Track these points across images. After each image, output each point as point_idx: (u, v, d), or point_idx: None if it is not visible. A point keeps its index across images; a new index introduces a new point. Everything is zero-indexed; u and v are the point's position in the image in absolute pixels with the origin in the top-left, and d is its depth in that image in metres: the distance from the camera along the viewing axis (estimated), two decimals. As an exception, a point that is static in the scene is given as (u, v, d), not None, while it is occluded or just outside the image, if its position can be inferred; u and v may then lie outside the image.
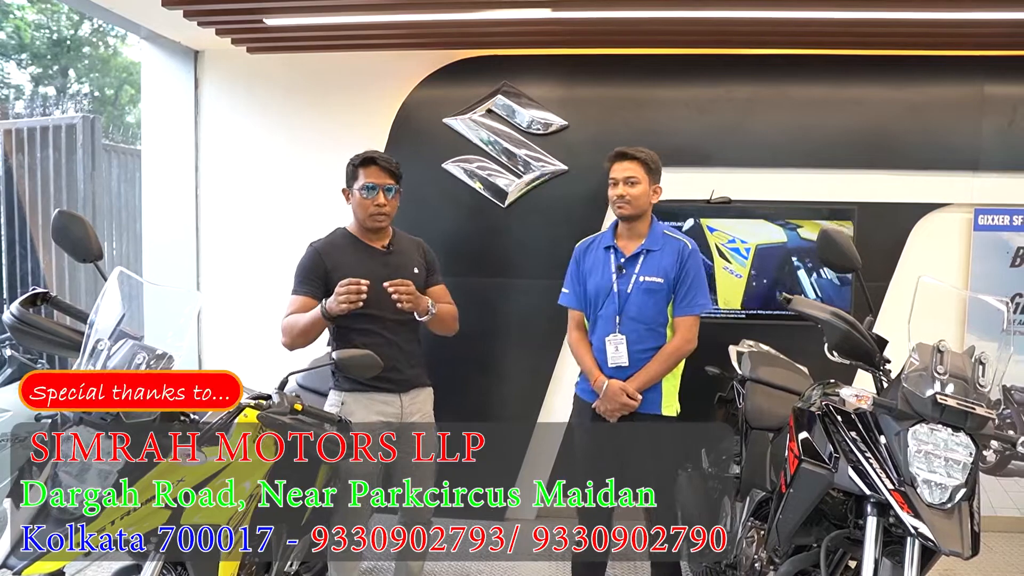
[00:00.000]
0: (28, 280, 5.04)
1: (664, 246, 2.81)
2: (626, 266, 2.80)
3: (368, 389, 2.66)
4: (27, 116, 5.36)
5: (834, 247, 2.32)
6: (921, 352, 2.07)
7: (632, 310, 2.77)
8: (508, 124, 3.88)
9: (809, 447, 2.17)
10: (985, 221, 3.80)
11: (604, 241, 2.90)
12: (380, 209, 2.69)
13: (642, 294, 2.76)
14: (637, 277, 2.77)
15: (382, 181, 2.70)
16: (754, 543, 2.63)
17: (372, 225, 2.73)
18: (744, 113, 3.84)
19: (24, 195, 5.02)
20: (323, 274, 2.68)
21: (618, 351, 2.76)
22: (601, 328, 2.82)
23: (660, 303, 2.78)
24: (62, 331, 2.17)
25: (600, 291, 2.83)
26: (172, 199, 4.19)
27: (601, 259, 2.86)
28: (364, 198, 2.69)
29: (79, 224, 2.22)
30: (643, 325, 2.77)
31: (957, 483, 1.91)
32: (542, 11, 3.23)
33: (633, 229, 2.84)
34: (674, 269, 2.76)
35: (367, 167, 2.71)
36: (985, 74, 3.75)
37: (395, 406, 2.71)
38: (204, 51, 4.11)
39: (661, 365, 2.76)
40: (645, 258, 2.79)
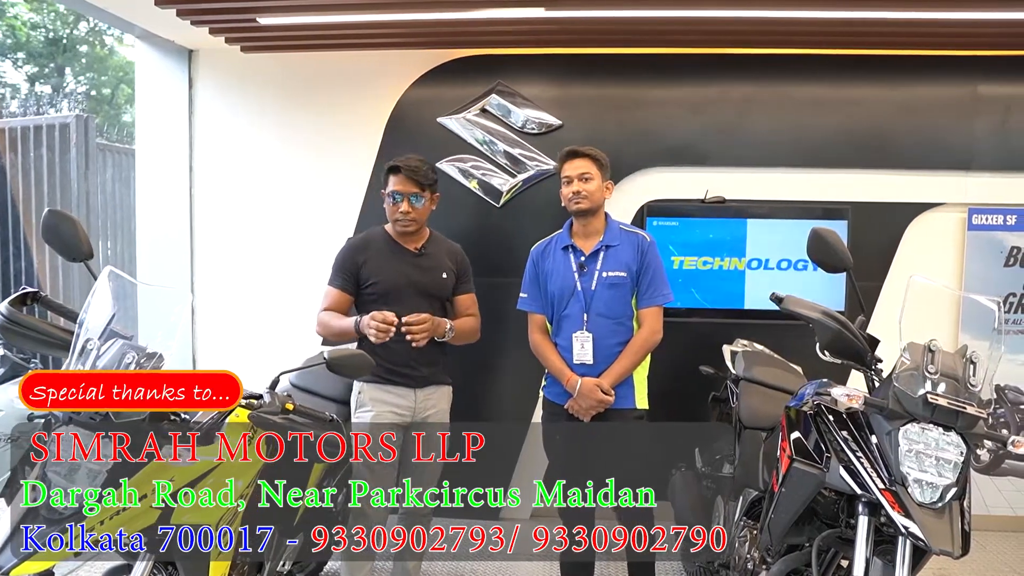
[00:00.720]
0: (21, 279, 5.03)
1: (622, 241, 2.84)
2: (587, 263, 2.83)
3: (384, 381, 2.75)
4: (21, 115, 5.32)
5: (825, 247, 2.32)
6: (912, 351, 2.07)
7: (599, 306, 2.79)
8: (503, 123, 3.88)
9: (801, 446, 2.17)
10: (979, 221, 3.81)
11: (561, 242, 2.91)
12: (405, 216, 2.77)
13: (607, 289, 2.79)
14: (600, 273, 2.80)
15: (407, 189, 2.76)
16: (747, 542, 2.63)
17: (399, 230, 2.82)
18: (738, 113, 3.84)
19: (17, 194, 5.01)
20: (355, 269, 2.80)
21: (583, 348, 2.78)
22: (567, 327, 2.83)
23: (625, 296, 2.81)
24: (52, 330, 2.17)
25: (563, 291, 2.83)
26: (166, 198, 4.18)
27: (560, 260, 2.88)
28: (390, 205, 2.79)
29: (69, 223, 2.21)
30: (611, 320, 2.79)
31: (948, 482, 1.91)
32: (536, 10, 3.23)
33: (589, 226, 2.86)
34: (635, 262, 2.80)
35: (394, 174, 2.78)
36: (978, 74, 3.76)
37: (409, 399, 2.78)
38: (198, 50, 4.11)
39: (632, 358, 2.78)
40: (605, 254, 2.82)
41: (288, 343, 3.43)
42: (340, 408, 2.84)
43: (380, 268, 2.78)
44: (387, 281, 2.77)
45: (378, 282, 2.78)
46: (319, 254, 3.34)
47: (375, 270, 2.78)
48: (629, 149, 3.82)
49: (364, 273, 2.79)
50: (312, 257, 3.81)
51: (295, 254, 4.06)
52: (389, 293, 2.76)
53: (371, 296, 2.79)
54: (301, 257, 4.02)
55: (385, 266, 2.79)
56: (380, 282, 2.78)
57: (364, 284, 2.80)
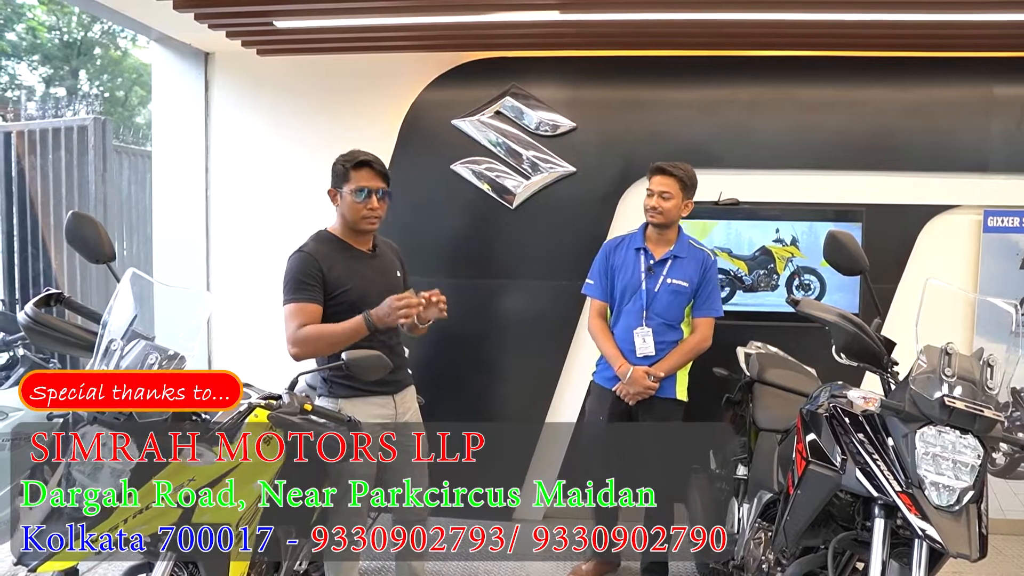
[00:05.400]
0: (40, 281, 5.08)
1: (689, 255, 3.15)
2: (655, 268, 3.14)
3: (365, 394, 2.62)
4: (39, 118, 5.37)
5: (841, 249, 2.32)
6: (929, 354, 2.07)
7: (658, 307, 3.11)
8: (516, 126, 3.89)
9: (817, 449, 2.17)
10: (994, 223, 3.79)
11: (634, 243, 3.21)
12: (373, 212, 2.63)
13: (669, 294, 3.11)
14: (665, 279, 3.12)
15: (375, 184, 2.61)
16: (761, 544, 2.63)
17: (364, 228, 2.65)
18: (752, 115, 3.84)
19: (36, 196, 5.06)
20: (320, 278, 2.56)
21: (646, 342, 3.10)
22: (625, 320, 3.15)
23: (682, 304, 3.13)
24: (75, 331, 2.19)
25: (628, 287, 3.15)
26: (182, 200, 4.22)
27: (631, 258, 3.18)
28: (356, 201, 2.61)
29: (91, 226, 2.23)
30: (665, 322, 3.12)
31: (965, 485, 1.91)
32: (550, 13, 3.24)
33: (663, 236, 3.17)
34: (697, 275, 3.12)
35: (359, 169, 2.62)
36: (994, 75, 3.74)
37: (390, 407, 2.69)
38: (214, 53, 4.14)
39: (683, 357, 3.12)
40: (673, 263, 3.13)
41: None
42: None
43: (347, 274, 2.59)
44: (357, 287, 2.59)
45: (349, 289, 2.58)
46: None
47: (343, 277, 2.57)
48: (642, 151, 3.82)
49: (332, 282, 2.56)
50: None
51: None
52: (360, 300, 2.55)
53: (341, 305, 2.56)
54: (316, 258, 4.03)
55: (351, 271, 2.60)
56: (351, 289, 2.58)
57: (333, 293, 2.57)
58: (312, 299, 2.54)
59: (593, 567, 3.38)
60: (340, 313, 2.54)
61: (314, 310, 2.54)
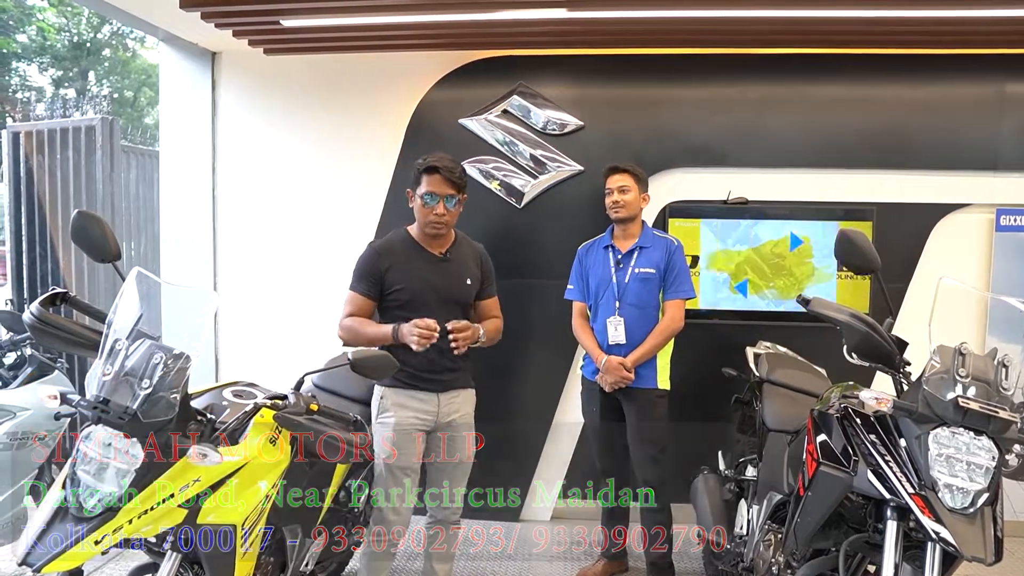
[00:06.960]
0: (48, 280, 5.08)
1: (654, 243, 3.28)
2: (623, 260, 3.27)
3: (406, 386, 2.70)
4: (47, 118, 5.38)
5: (853, 248, 2.29)
6: (942, 354, 2.03)
7: (630, 297, 3.23)
8: (524, 124, 3.88)
9: (828, 450, 2.14)
10: (1007, 221, 3.75)
11: (603, 242, 3.37)
12: (439, 219, 2.68)
13: (638, 283, 3.23)
14: (634, 269, 3.25)
15: (443, 191, 2.66)
16: (771, 546, 2.61)
17: (431, 232, 2.73)
18: (761, 113, 3.81)
19: (44, 196, 5.06)
20: (379, 274, 2.71)
21: (617, 330, 3.21)
22: (602, 313, 3.27)
23: (653, 290, 3.24)
24: (81, 331, 2.18)
25: (601, 283, 3.29)
26: (189, 200, 4.22)
27: (601, 257, 3.34)
28: (424, 206, 2.69)
29: (98, 224, 2.22)
30: (639, 310, 3.22)
31: (979, 488, 1.89)
32: (558, 11, 3.23)
33: (627, 230, 3.30)
34: (663, 261, 3.24)
35: (430, 174, 2.67)
36: (1005, 72, 3.71)
37: (432, 404, 2.73)
38: (221, 53, 4.14)
39: (654, 341, 3.20)
40: (639, 253, 3.26)
41: (311, 344, 3.44)
42: (363, 409, 2.84)
43: (405, 274, 2.69)
44: (411, 288, 2.69)
45: (403, 288, 2.69)
46: (341, 255, 3.34)
47: (399, 276, 2.69)
48: (650, 150, 3.80)
49: (388, 279, 2.70)
50: (334, 258, 3.82)
51: (317, 255, 4.08)
52: (413, 300, 2.68)
53: (394, 303, 2.71)
54: (323, 258, 4.04)
55: (410, 272, 2.70)
56: (405, 288, 2.69)
57: (388, 290, 2.71)
58: (365, 292, 2.72)
59: (602, 568, 3.38)
60: (393, 308, 2.71)
61: (364, 302, 2.72)
